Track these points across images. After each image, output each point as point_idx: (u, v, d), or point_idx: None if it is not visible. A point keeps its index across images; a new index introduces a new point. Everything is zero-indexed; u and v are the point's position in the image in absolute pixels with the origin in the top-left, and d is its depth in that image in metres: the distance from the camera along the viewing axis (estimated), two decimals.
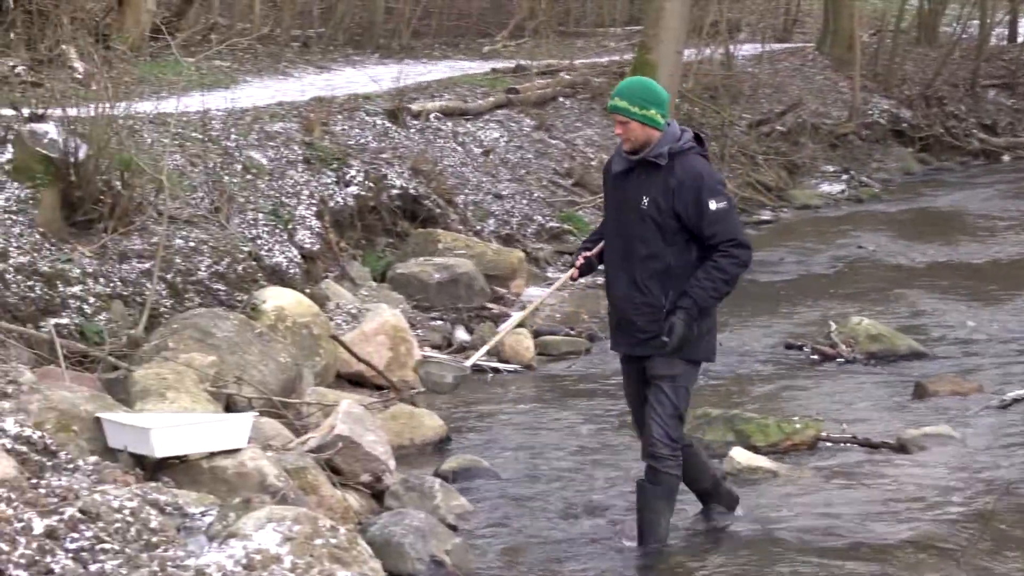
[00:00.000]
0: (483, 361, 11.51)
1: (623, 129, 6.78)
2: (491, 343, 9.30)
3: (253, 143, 14.01)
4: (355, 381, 10.66)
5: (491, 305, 13.27)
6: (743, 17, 31.42)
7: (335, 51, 24.97)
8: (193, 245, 11.24)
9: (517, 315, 8.89)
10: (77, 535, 4.75)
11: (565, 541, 7.33)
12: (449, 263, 13.34)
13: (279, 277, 11.80)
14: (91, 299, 9.92)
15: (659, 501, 7.03)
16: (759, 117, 24.82)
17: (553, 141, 19.39)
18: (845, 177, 24.74)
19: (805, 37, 34.37)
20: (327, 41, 25.93)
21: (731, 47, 26.48)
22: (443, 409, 10.04)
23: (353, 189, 14.39)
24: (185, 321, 9.39)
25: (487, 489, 8.16)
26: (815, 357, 11.76)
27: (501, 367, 11.54)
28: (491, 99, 19.77)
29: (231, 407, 8.46)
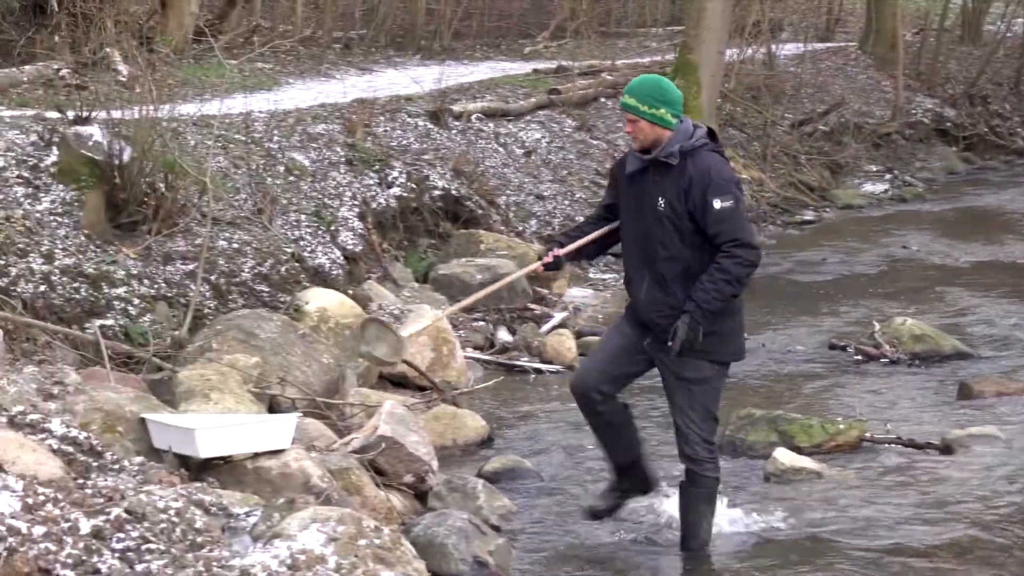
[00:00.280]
0: (525, 362, 11.53)
1: (632, 127, 6.73)
2: (430, 321, 9.23)
3: (296, 145, 14.05)
4: (398, 382, 10.67)
5: (533, 306, 13.26)
6: (785, 16, 31.28)
7: (377, 53, 25.02)
8: (236, 247, 11.28)
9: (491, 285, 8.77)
10: (123, 535, 4.77)
11: (608, 542, 7.33)
12: (491, 264, 13.34)
13: (322, 278, 11.83)
14: (136, 300, 9.97)
15: (700, 504, 7.02)
16: (801, 117, 24.71)
17: (595, 141, 19.37)
18: (888, 177, 24.62)
19: (848, 36, 34.20)
20: (369, 43, 25.97)
21: (773, 47, 26.37)
22: (486, 410, 10.05)
23: (395, 190, 14.41)
24: (229, 322, 9.42)
25: (530, 490, 8.16)
26: (859, 357, 11.71)
27: (543, 367, 11.53)
28: (532, 100, 19.76)
29: (274, 408, 8.49)
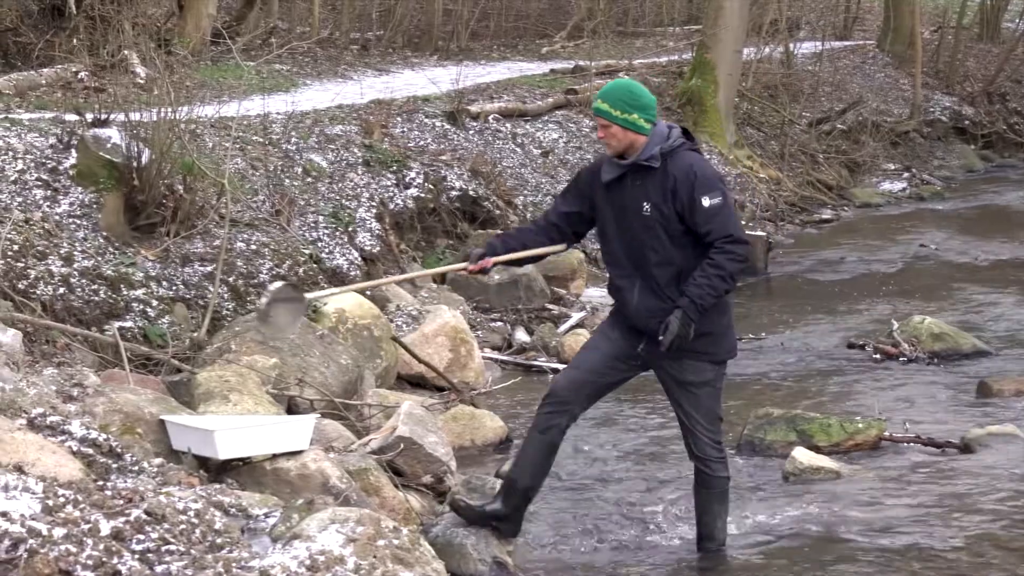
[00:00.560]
0: (543, 362, 11.53)
1: (605, 132, 6.64)
2: (335, 291, 9.19)
3: (313, 146, 14.08)
4: (416, 382, 10.69)
5: (551, 306, 13.26)
6: (803, 15, 31.27)
7: (394, 53, 25.06)
8: (255, 248, 11.30)
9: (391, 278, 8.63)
10: (143, 536, 4.78)
11: (626, 542, 7.33)
12: None
13: (340, 279, 11.85)
14: (154, 302, 10.00)
15: (714, 504, 7.01)
16: (819, 115, 24.70)
17: None
18: (906, 175, 24.60)
19: (865, 34, 34.16)
20: (386, 44, 26.01)
21: (791, 45, 26.35)
22: (504, 410, 10.05)
23: (413, 191, 14.43)
24: (247, 324, 9.43)
25: (548, 490, 8.14)
26: (877, 356, 11.69)
27: (561, 368, 11.51)
28: (550, 100, 19.77)
29: (293, 409, 8.50)
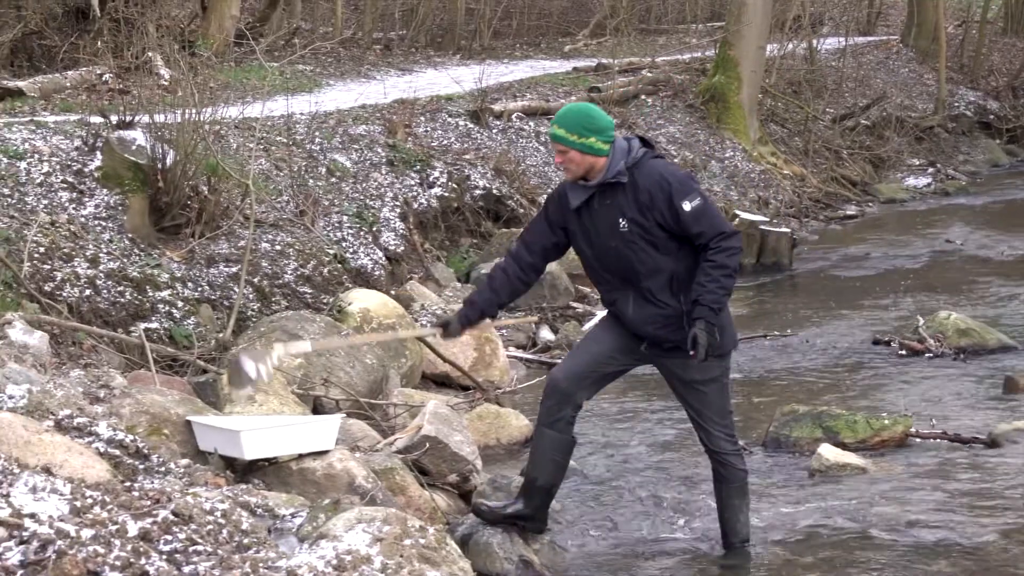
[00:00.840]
0: None
1: (563, 158, 6.56)
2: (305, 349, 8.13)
3: (337, 146, 14.10)
4: (441, 382, 10.69)
5: (575, 304, 13.27)
6: (826, 11, 31.19)
7: (417, 53, 25.09)
8: (279, 249, 11.33)
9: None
10: (170, 537, 4.80)
11: (651, 540, 7.32)
12: None
13: (364, 279, 11.88)
14: (180, 303, 10.03)
15: (733, 498, 6.99)
16: (843, 111, 24.65)
17: None
18: (931, 170, 24.54)
19: (889, 30, 34.09)
20: (409, 43, 26.06)
21: (814, 41, 26.30)
22: (529, 409, 10.05)
23: (436, 190, 14.45)
24: (272, 324, 9.46)
25: (573, 488, 8.15)
26: (903, 352, 11.65)
27: None
28: (573, 98, 19.76)
29: (318, 409, 8.52)
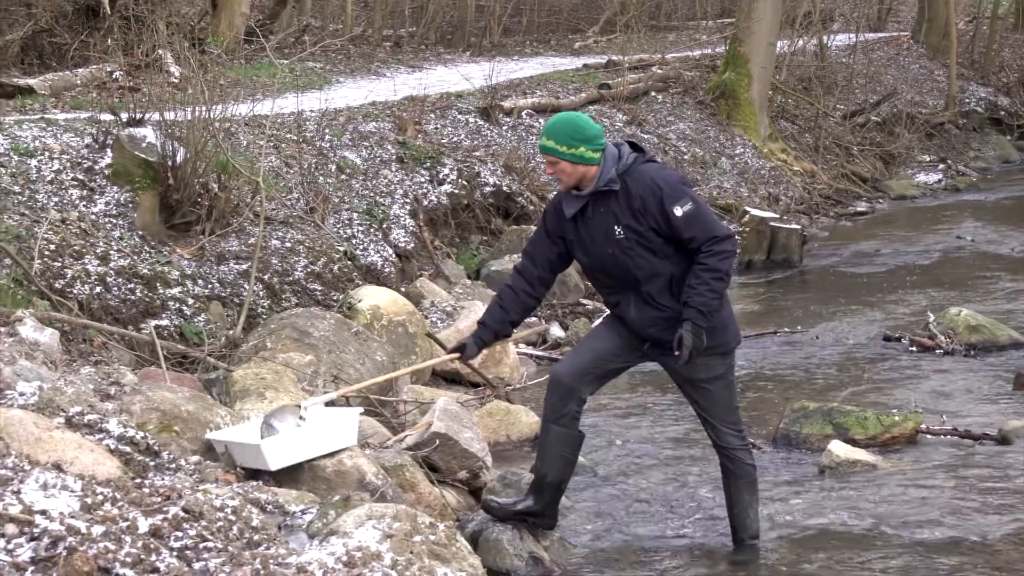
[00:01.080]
0: None
1: (554, 169, 6.58)
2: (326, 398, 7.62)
3: (347, 143, 14.11)
4: (451, 379, 10.70)
5: (585, 301, 13.27)
6: (836, 7, 31.17)
7: (427, 50, 25.09)
8: (289, 246, 11.34)
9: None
10: (181, 534, 4.80)
11: (662, 537, 7.32)
12: None
13: (374, 276, 11.89)
14: (190, 300, 10.04)
15: (743, 494, 6.99)
16: (854, 108, 24.64)
17: (645, 136, 19.35)
18: (942, 166, 24.51)
19: (899, 26, 34.06)
20: (419, 40, 26.06)
21: (824, 38, 26.27)
22: (539, 405, 10.04)
23: (447, 187, 14.45)
24: (282, 321, 9.46)
25: (584, 485, 8.16)
26: (914, 349, 11.64)
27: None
28: (583, 95, 19.78)
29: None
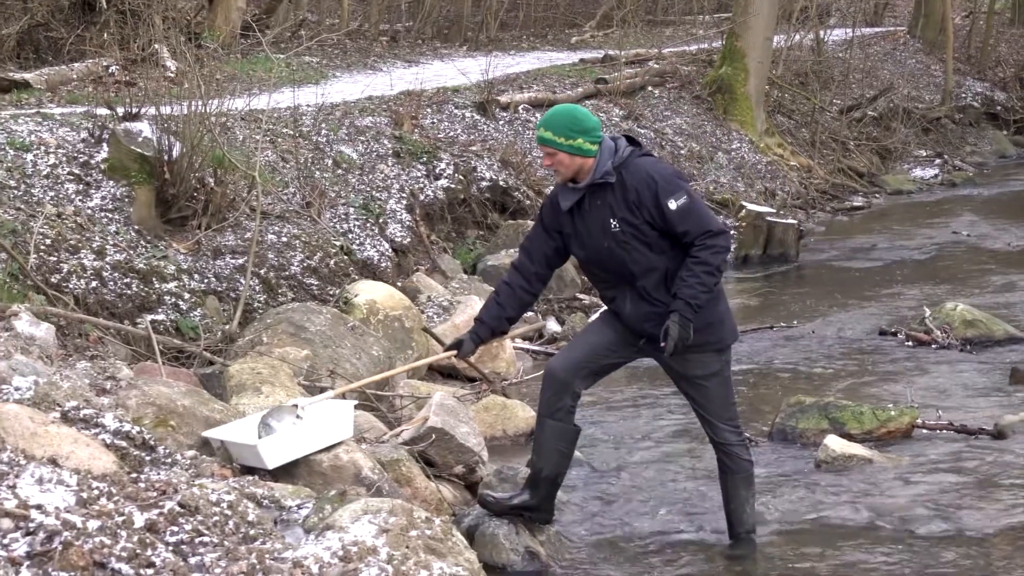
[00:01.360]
0: None
1: (551, 160, 6.58)
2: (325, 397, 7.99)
3: (343, 138, 14.10)
4: (447, 373, 10.70)
5: (582, 296, 13.26)
6: (833, 2, 31.16)
7: (423, 45, 25.08)
8: (286, 240, 11.34)
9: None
10: (177, 528, 4.80)
11: (658, 532, 7.32)
12: None
13: (371, 271, 11.88)
14: (186, 295, 10.04)
15: (740, 489, 6.99)
16: (850, 102, 24.63)
17: (642, 130, 19.34)
18: (938, 161, 24.52)
19: (896, 20, 34.06)
20: (415, 35, 26.05)
21: (821, 32, 26.27)
22: (535, 400, 10.04)
23: (443, 182, 14.44)
24: (279, 316, 9.47)
25: (580, 479, 8.16)
26: (910, 343, 11.65)
27: None
28: (580, 89, 19.76)
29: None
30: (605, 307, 7.06)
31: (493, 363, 10.68)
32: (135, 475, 5.51)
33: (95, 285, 9.52)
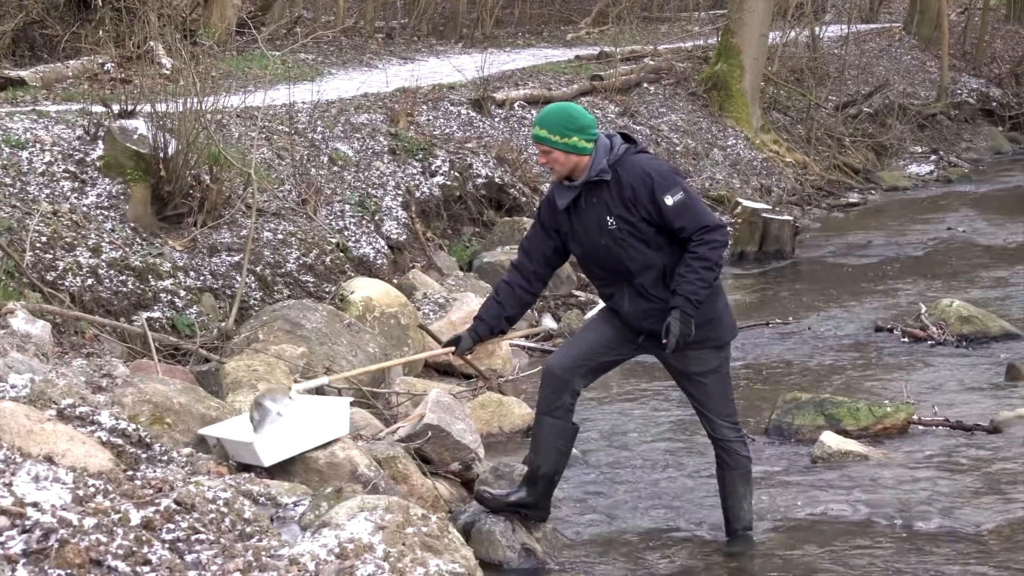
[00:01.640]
0: None
1: (547, 158, 6.57)
2: (318, 383, 7.96)
3: (339, 135, 14.09)
4: (443, 370, 10.70)
5: (578, 292, 13.26)
6: None
7: (419, 42, 25.07)
8: (281, 237, 11.33)
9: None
10: (173, 526, 4.80)
11: (655, 528, 7.32)
12: None
13: (366, 268, 11.88)
14: (182, 292, 10.04)
15: (738, 485, 6.99)
16: (846, 99, 24.64)
17: (637, 127, 19.34)
18: (934, 158, 24.53)
19: (891, 17, 34.07)
20: (411, 32, 26.04)
21: (817, 28, 26.27)
22: (531, 397, 10.05)
23: (439, 179, 14.43)
24: (275, 313, 9.46)
25: (576, 476, 8.16)
26: (906, 339, 11.65)
27: None
28: (575, 86, 19.76)
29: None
30: (602, 303, 7.06)
31: (489, 360, 10.68)
32: (131, 473, 5.50)
33: (91, 283, 9.52)
